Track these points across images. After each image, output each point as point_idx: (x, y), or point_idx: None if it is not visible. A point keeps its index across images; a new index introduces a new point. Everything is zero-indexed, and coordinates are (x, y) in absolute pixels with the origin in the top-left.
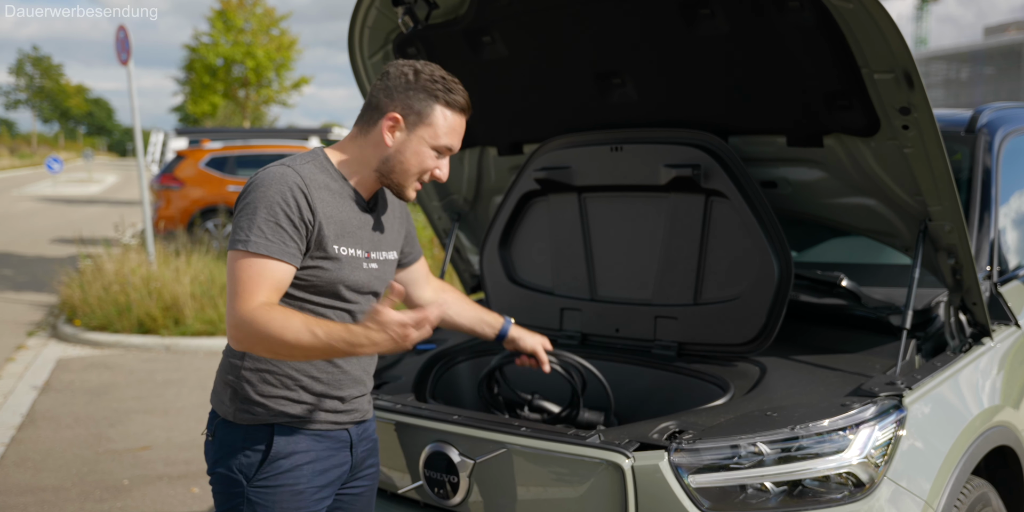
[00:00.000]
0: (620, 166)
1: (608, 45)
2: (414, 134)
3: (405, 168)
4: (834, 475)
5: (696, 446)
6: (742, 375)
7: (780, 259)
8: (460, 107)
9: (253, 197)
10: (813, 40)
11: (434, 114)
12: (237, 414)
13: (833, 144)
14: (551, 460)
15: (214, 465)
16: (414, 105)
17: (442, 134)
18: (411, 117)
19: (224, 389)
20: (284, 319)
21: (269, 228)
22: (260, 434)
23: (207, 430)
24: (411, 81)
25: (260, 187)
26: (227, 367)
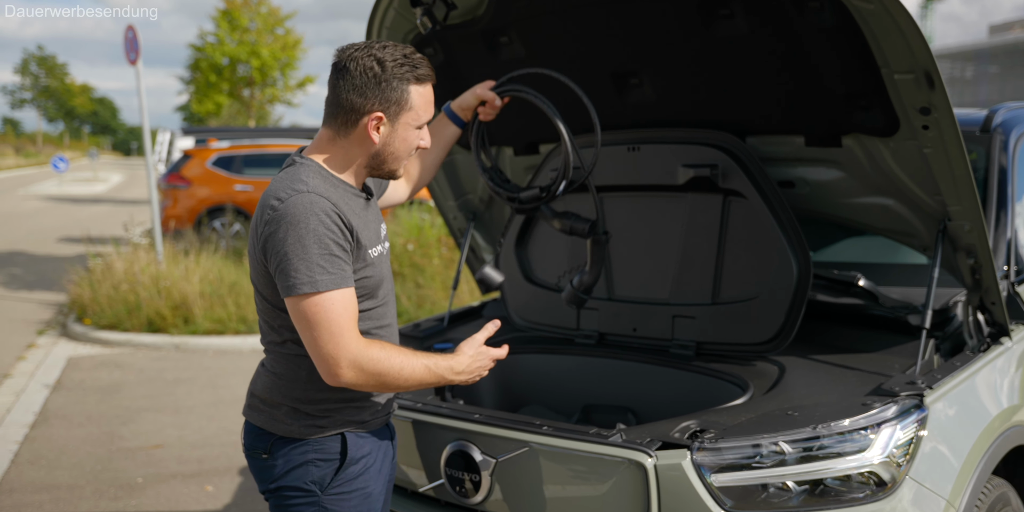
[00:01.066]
0: (637, 166)
1: (626, 45)
2: (398, 123)
3: (397, 156)
4: (856, 474)
5: (718, 445)
6: (761, 374)
7: (799, 258)
8: (429, 77)
9: (296, 234)
10: (833, 40)
11: (411, 97)
12: (302, 430)
13: (851, 144)
14: (573, 459)
15: (278, 480)
16: (391, 96)
17: (423, 113)
18: (392, 109)
19: (277, 408)
20: (399, 357)
21: (327, 262)
22: (331, 444)
23: (258, 449)
24: (379, 74)
25: (298, 223)
26: (283, 392)
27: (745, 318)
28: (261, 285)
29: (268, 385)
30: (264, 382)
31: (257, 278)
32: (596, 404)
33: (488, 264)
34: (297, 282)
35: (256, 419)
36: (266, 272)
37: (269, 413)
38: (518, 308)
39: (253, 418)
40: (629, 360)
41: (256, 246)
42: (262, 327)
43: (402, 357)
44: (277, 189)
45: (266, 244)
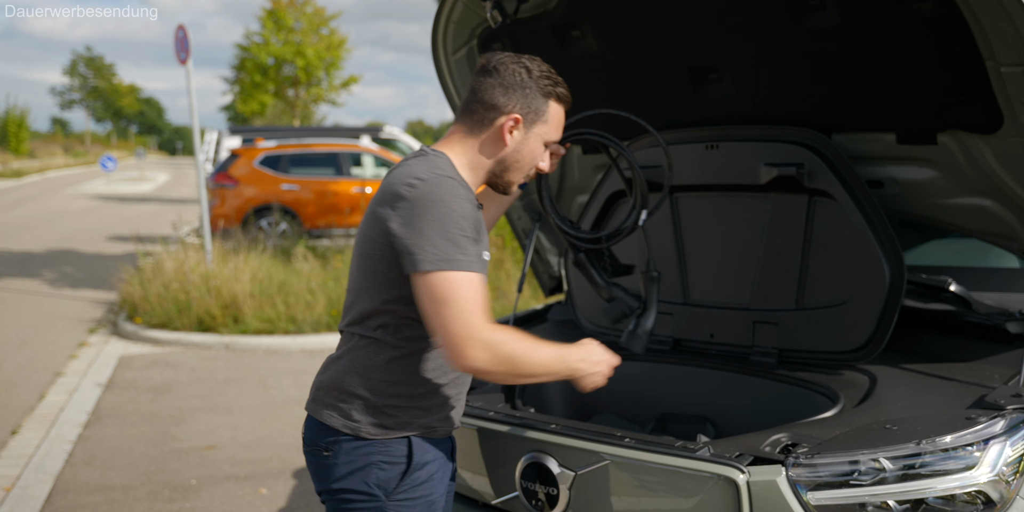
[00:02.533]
0: (716, 165)
1: (705, 38)
2: (531, 132)
3: (520, 166)
4: (962, 494)
5: (814, 461)
6: (850, 385)
7: (891, 262)
8: (568, 100)
9: (437, 212)
10: (933, 31)
11: (549, 110)
12: (370, 428)
13: (948, 141)
14: (657, 473)
15: (339, 481)
16: (531, 103)
17: (554, 129)
18: (530, 116)
19: (350, 403)
20: (529, 341)
21: (465, 243)
22: (397, 447)
23: (319, 446)
24: (526, 79)
25: (440, 202)
26: (356, 380)
27: (832, 325)
28: (371, 263)
29: (342, 374)
30: (337, 371)
31: (366, 257)
32: (671, 413)
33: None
34: (434, 258)
35: (320, 413)
36: (382, 251)
37: (336, 407)
38: (586, 311)
39: (317, 412)
40: (706, 367)
41: (375, 224)
42: (350, 312)
43: (532, 342)
44: (414, 171)
45: (396, 220)
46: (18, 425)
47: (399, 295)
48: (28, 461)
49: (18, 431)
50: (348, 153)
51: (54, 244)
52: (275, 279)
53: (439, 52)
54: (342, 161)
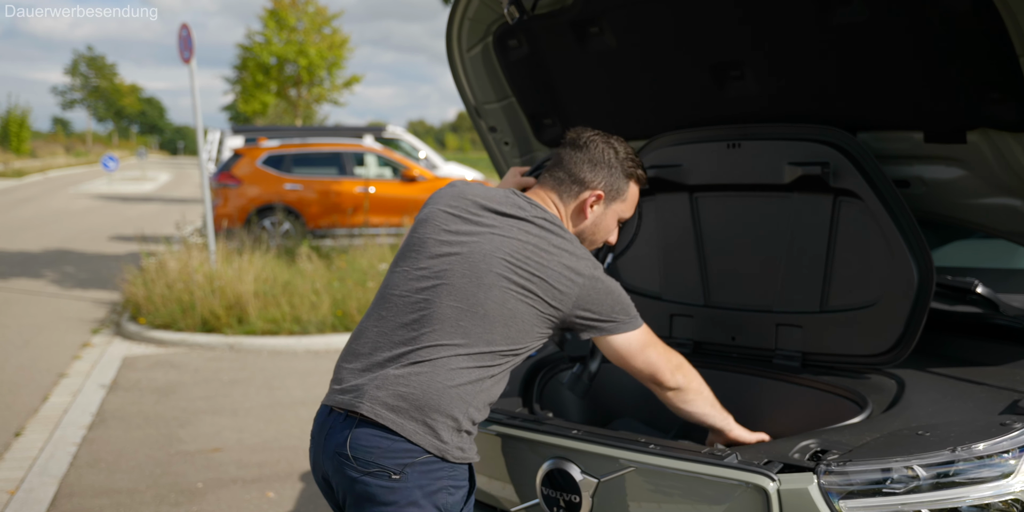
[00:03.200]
0: (738, 164)
1: (728, 34)
2: (609, 209)
3: (595, 239)
4: (998, 503)
5: (846, 468)
6: (878, 389)
7: (920, 263)
8: (645, 182)
9: (615, 286)
10: (964, 26)
11: (629, 191)
12: (456, 452)
13: (978, 140)
14: (683, 480)
15: (410, 506)
16: (615, 183)
17: (630, 207)
18: (611, 193)
19: (442, 421)
20: (708, 391)
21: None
22: (460, 470)
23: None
24: (612, 160)
25: (607, 277)
26: (455, 399)
27: (859, 328)
28: (520, 308)
29: (439, 392)
30: (429, 389)
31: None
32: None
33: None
34: (631, 316)
35: (404, 428)
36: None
37: (430, 429)
38: None
39: (400, 427)
40: (727, 371)
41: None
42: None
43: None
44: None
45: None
46: (22, 427)
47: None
48: (32, 464)
49: (22, 433)
50: (351, 153)
51: (56, 244)
52: (279, 279)
53: (453, 49)
54: (345, 161)
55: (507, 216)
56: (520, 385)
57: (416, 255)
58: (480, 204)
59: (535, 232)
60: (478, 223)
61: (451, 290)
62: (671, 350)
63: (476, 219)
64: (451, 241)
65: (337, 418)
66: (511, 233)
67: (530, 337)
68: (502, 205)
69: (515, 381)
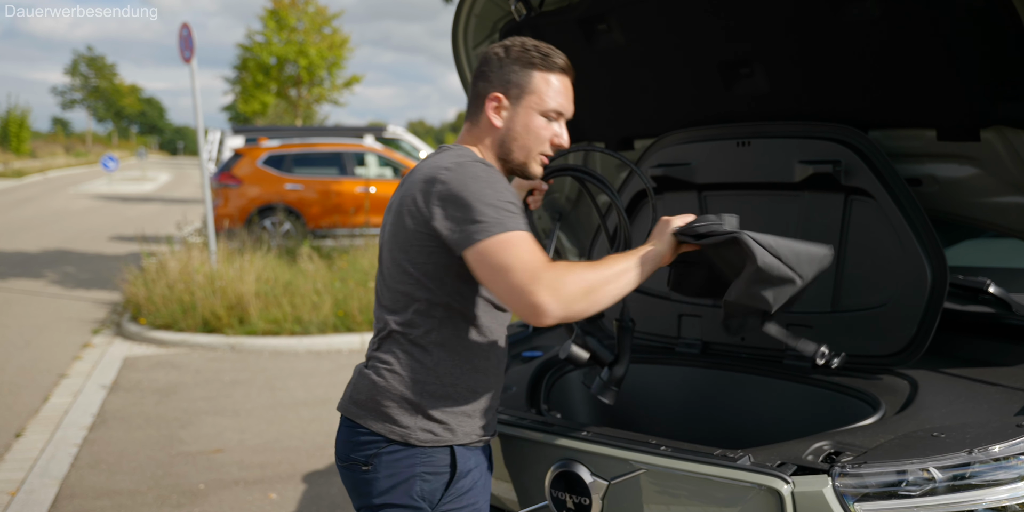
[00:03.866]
0: (748, 162)
1: (738, 32)
2: (520, 107)
3: (522, 144)
4: (1015, 505)
5: (861, 470)
6: (891, 390)
7: (933, 263)
8: (560, 68)
9: (479, 185)
10: (979, 23)
11: (534, 81)
12: (417, 434)
13: (992, 138)
14: (695, 482)
15: (382, 496)
16: (512, 78)
17: (548, 98)
18: (513, 91)
19: (398, 408)
20: (594, 265)
21: (513, 208)
22: (440, 455)
23: (357, 461)
24: (503, 57)
25: (479, 177)
26: (405, 384)
27: (871, 328)
28: (412, 257)
29: (387, 378)
30: (380, 375)
31: (403, 254)
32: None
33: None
34: (484, 229)
35: (364, 419)
36: (423, 241)
37: (386, 416)
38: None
39: (361, 418)
40: (737, 371)
41: (408, 218)
42: (387, 317)
43: (596, 265)
44: (441, 162)
45: (437, 206)
46: (22, 428)
47: (447, 288)
48: (33, 465)
49: (22, 434)
50: (352, 153)
51: (56, 244)
52: (280, 279)
53: (459, 46)
54: (346, 161)
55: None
56: (527, 386)
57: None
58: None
59: (416, 173)
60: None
61: (381, 276)
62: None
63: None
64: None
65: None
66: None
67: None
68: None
69: (522, 382)
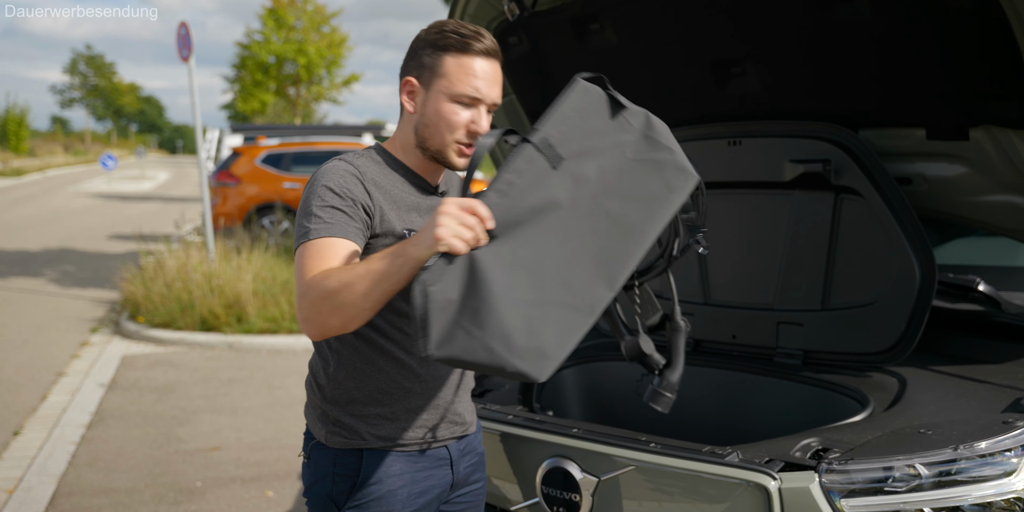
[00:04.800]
0: (739, 161)
1: (730, 31)
2: (431, 91)
3: (433, 130)
4: (1000, 501)
5: (848, 467)
6: (880, 387)
7: (922, 261)
8: (476, 50)
9: (307, 192)
10: (968, 24)
11: (444, 63)
12: (328, 437)
13: (980, 137)
14: (684, 479)
15: (309, 488)
16: (424, 61)
17: (457, 81)
18: (424, 75)
19: (313, 409)
20: (335, 269)
21: (325, 213)
22: (350, 459)
23: (303, 451)
24: (420, 39)
25: (312, 184)
26: (312, 387)
27: (860, 326)
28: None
29: (307, 380)
30: (307, 380)
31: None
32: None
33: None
34: (297, 236)
35: (306, 417)
36: None
37: (310, 414)
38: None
39: (305, 415)
40: (728, 369)
41: None
42: None
43: (347, 267)
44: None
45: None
46: (20, 426)
47: None
48: (31, 463)
49: (20, 432)
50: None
51: (55, 243)
52: (278, 278)
53: None
54: None
55: None
56: (520, 385)
57: None
58: None
59: None
60: None
61: None
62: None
63: None
64: None
65: None
66: None
67: None
68: None
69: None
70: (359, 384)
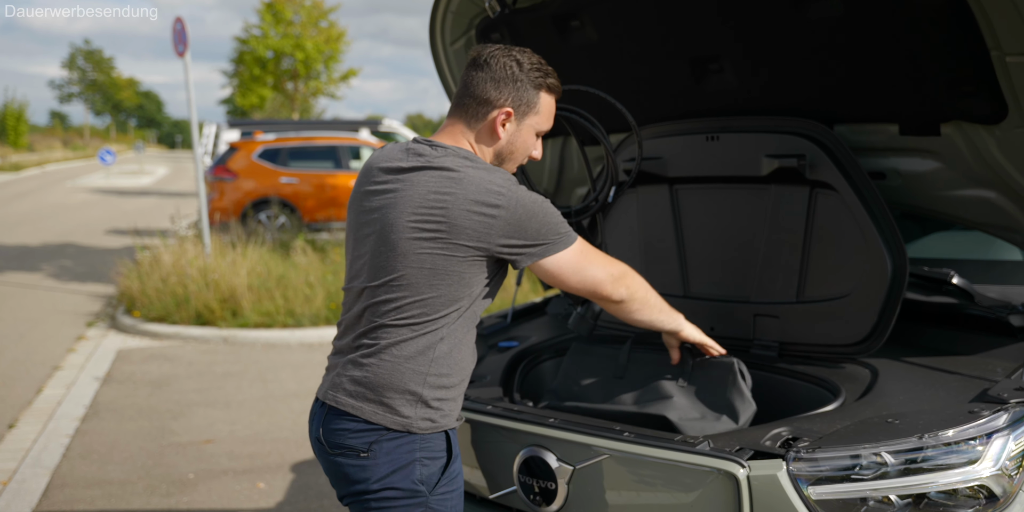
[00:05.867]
0: (716, 156)
1: (707, 28)
2: (523, 124)
3: (515, 157)
4: (964, 488)
5: (815, 455)
6: (852, 378)
7: (894, 254)
8: (559, 90)
9: (531, 199)
10: (937, 21)
11: (541, 102)
12: (421, 423)
13: (951, 132)
14: (656, 467)
15: (382, 481)
16: (523, 96)
17: (546, 120)
18: (521, 108)
19: (399, 398)
20: (645, 283)
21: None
22: (437, 440)
23: (354, 448)
24: (516, 73)
25: (528, 198)
26: (407, 374)
27: (834, 318)
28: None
29: (388, 371)
30: (379, 369)
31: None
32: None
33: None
34: (560, 240)
35: (362, 410)
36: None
37: (385, 406)
38: None
39: (358, 409)
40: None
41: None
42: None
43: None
44: (489, 182)
45: (500, 227)
46: (15, 419)
47: (470, 291)
48: (25, 455)
49: (15, 425)
50: (347, 146)
51: (53, 238)
52: (274, 273)
53: (437, 43)
54: (341, 154)
55: (408, 171)
56: (501, 375)
57: (351, 245)
58: (382, 168)
59: (436, 176)
60: (383, 191)
61: (376, 269)
62: (612, 261)
63: (381, 187)
64: (366, 221)
65: (316, 405)
66: (412, 189)
67: (465, 285)
68: (402, 160)
69: (496, 371)
70: (452, 370)
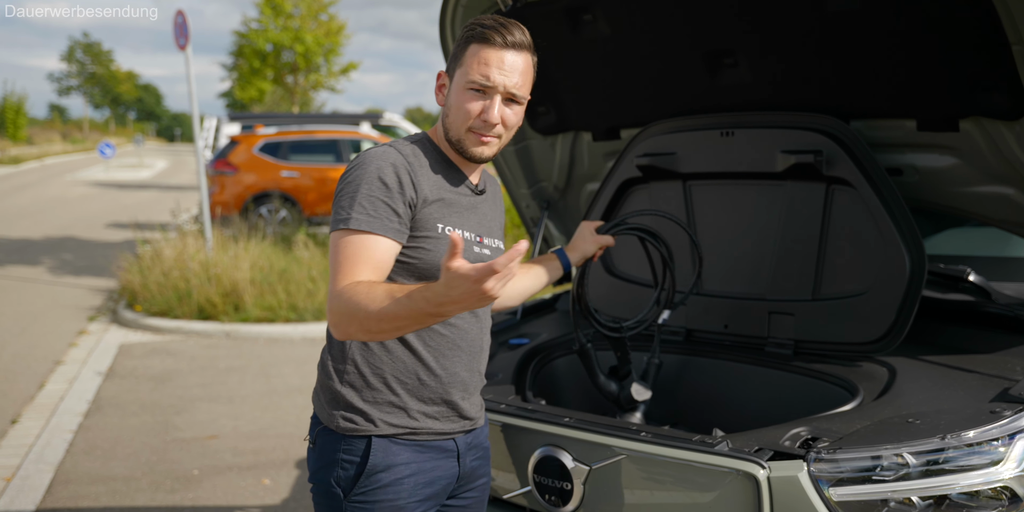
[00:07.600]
0: (731, 152)
1: (722, 22)
2: (453, 82)
3: (452, 119)
4: (986, 489)
5: (836, 456)
6: (869, 377)
7: (912, 252)
8: (495, 42)
9: (354, 175)
10: (957, 15)
11: (466, 54)
12: (338, 422)
13: (970, 128)
14: (674, 468)
15: (314, 474)
16: (455, 55)
17: (470, 69)
18: (451, 67)
19: (324, 393)
20: (368, 289)
21: (370, 204)
22: (358, 445)
23: (309, 436)
24: (457, 38)
25: (361, 166)
26: (327, 370)
27: (850, 316)
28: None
29: (320, 366)
30: (320, 364)
31: None
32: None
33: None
34: (336, 218)
35: (314, 403)
36: None
37: (319, 399)
38: (597, 301)
39: (313, 401)
40: (719, 358)
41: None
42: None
43: (380, 289)
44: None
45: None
46: (18, 414)
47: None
48: (28, 451)
49: (18, 420)
50: (348, 140)
51: (53, 231)
52: (276, 267)
53: (447, 36)
54: (342, 148)
55: None
56: (513, 373)
57: None
58: None
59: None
60: None
61: None
62: (352, 275)
63: None
64: None
65: None
66: None
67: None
68: None
69: (508, 369)
70: (375, 370)
